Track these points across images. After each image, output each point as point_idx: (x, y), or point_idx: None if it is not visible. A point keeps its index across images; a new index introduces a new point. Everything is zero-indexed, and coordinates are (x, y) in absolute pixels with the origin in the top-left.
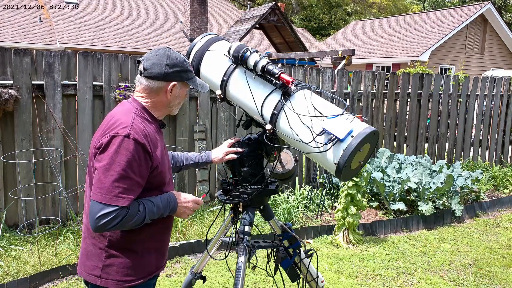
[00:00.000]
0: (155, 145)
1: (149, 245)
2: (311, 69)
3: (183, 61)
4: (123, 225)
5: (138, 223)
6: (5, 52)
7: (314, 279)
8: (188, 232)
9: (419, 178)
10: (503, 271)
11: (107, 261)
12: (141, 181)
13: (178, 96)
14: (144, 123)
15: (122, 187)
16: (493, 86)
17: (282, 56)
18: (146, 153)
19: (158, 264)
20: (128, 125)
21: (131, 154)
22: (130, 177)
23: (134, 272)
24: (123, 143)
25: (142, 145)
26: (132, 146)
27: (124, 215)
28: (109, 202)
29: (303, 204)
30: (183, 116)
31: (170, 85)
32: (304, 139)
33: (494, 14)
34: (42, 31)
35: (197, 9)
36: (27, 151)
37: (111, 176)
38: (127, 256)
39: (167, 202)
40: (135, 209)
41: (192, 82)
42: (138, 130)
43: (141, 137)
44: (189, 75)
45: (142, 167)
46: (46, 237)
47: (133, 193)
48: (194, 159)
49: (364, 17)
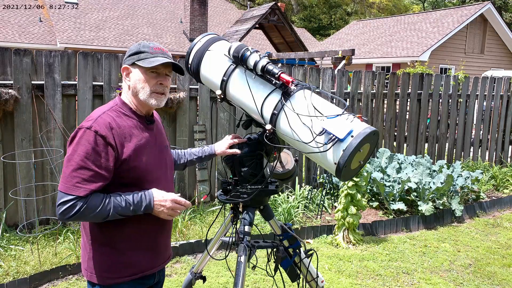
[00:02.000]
0: (124, 139)
1: (136, 243)
2: (311, 69)
3: (138, 45)
4: (84, 216)
5: (103, 215)
6: (5, 52)
7: (314, 279)
8: (188, 232)
9: (419, 178)
10: (503, 271)
11: (91, 255)
12: (103, 173)
13: (138, 80)
14: (118, 117)
15: (80, 177)
16: (493, 86)
17: (282, 56)
18: (107, 145)
19: (147, 266)
20: (93, 119)
21: (90, 145)
22: (89, 168)
23: (116, 269)
24: (84, 135)
25: (103, 137)
26: (92, 137)
27: (82, 205)
28: (67, 191)
29: (303, 204)
30: (183, 116)
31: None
32: (304, 139)
33: (494, 14)
34: (42, 31)
35: (197, 9)
36: (27, 151)
37: (71, 166)
38: (109, 252)
39: (140, 199)
40: (97, 201)
41: (143, 61)
42: (102, 122)
43: (103, 128)
44: (140, 56)
45: (103, 159)
46: (46, 237)
47: (92, 184)
48: (197, 154)
49: (364, 17)
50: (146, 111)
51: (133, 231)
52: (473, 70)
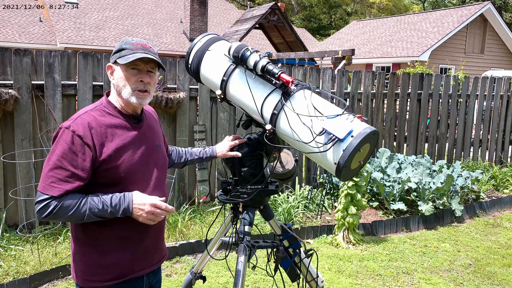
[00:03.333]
0: (107, 138)
1: (118, 246)
2: (311, 69)
3: (120, 42)
4: (59, 216)
5: (79, 216)
6: (5, 52)
7: (314, 279)
8: (188, 232)
9: (419, 178)
10: (503, 271)
11: (75, 256)
12: (79, 173)
13: (120, 78)
14: (102, 116)
15: (55, 177)
16: (493, 86)
17: (282, 56)
18: (85, 145)
19: (129, 269)
20: (73, 118)
21: (67, 145)
22: (64, 168)
23: (97, 272)
24: (63, 134)
25: (80, 136)
26: (70, 137)
27: (56, 205)
28: (43, 190)
29: (303, 204)
30: (183, 116)
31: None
32: (304, 139)
33: (494, 14)
34: (42, 31)
35: (197, 9)
36: (27, 151)
37: (48, 166)
38: (90, 254)
39: (118, 202)
40: (72, 202)
41: (121, 58)
42: (81, 122)
43: (80, 128)
44: (121, 53)
45: (79, 159)
46: (46, 237)
47: (67, 184)
48: (198, 154)
49: (364, 17)
50: (132, 110)
51: (115, 233)
52: (473, 70)
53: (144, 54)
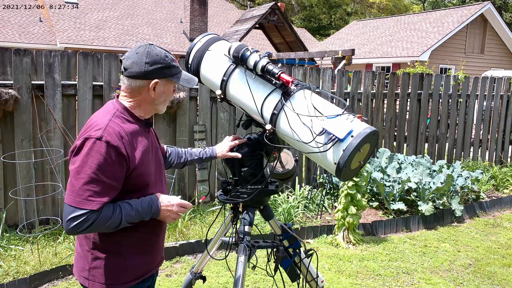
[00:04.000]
0: (133, 147)
1: (137, 248)
2: (311, 69)
3: (165, 57)
4: (96, 228)
5: (114, 226)
6: (5, 52)
7: (314, 279)
8: (188, 232)
9: (419, 178)
10: (503, 271)
11: (93, 263)
12: (115, 184)
13: (163, 93)
14: (123, 123)
15: (92, 190)
16: (493, 86)
17: (282, 56)
18: (120, 156)
19: (148, 268)
20: (102, 127)
21: (103, 157)
22: (101, 180)
23: (120, 276)
24: (94, 146)
25: (114, 148)
26: (104, 148)
27: (95, 219)
28: (78, 205)
29: (303, 204)
30: (183, 116)
31: (152, 83)
32: (304, 139)
33: (494, 14)
34: (42, 31)
35: (197, 9)
36: (27, 151)
37: (82, 179)
38: (113, 259)
39: (148, 206)
40: (108, 212)
41: (177, 78)
42: (112, 132)
43: (114, 139)
44: (172, 71)
45: (115, 170)
46: (46, 237)
47: (105, 196)
48: (198, 155)
49: (364, 17)
50: (149, 115)
51: (134, 236)
52: (473, 70)
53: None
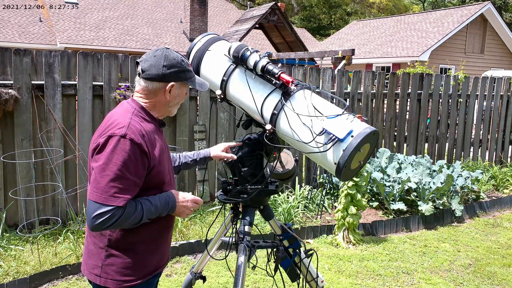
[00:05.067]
0: (153, 145)
1: (150, 244)
2: (311, 69)
3: (181, 61)
4: (120, 225)
5: (135, 222)
6: (5, 52)
7: (314, 279)
8: (188, 232)
9: (419, 178)
10: (503, 271)
11: (107, 260)
12: (138, 181)
13: (177, 96)
14: (142, 122)
15: (118, 187)
16: (493, 86)
17: (282, 56)
18: (142, 153)
19: (159, 263)
20: (125, 125)
21: (127, 154)
22: (126, 177)
23: (133, 272)
24: (119, 144)
25: (138, 145)
26: (128, 146)
27: (120, 215)
28: (104, 202)
29: (303, 204)
30: (183, 116)
31: (168, 85)
32: (304, 139)
33: (494, 14)
34: (42, 31)
35: (197, 9)
36: (27, 151)
37: (107, 176)
38: (127, 256)
39: (165, 202)
40: (132, 209)
41: (191, 82)
42: (135, 130)
43: (137, 137)
44: (187, 75)
45: (139, 167)
46: (46, 237)
47: (129, 193)
48: (192, 157)
49: (364, 17)
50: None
51: (147, 232)
52: (473, 70)
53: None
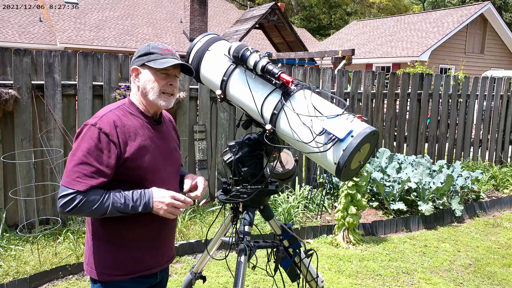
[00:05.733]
0: (130, 137)
1: (136, 242)
2: (311, 69)
3: (149, 47)
4: (82, 210)
5: (101, 211)
6: (5, 52)
7: (314, 279)
8: (188, 232)
9: (419, 178)
10: (503, 271)
11: (92, 250)
12: (104, 170)
13: (148, 81)
14: (125, 116)
15: (81, 172)
16: (493, 86)
17: (282, 56)
18: (110, 142)
19: (149, 265)
20: (99, 116)
21: (94, 141)
22: (90, 164)
23: (113, 267)
24: (88, 131)
25: (106, 134)
26: (96, 134)
27: (81, 200)
28: (67, 185)
29: (303, 204)
30: (183, 116)
31: (133, 72)
32: (304, 139)
33: (494, 14)
34: (42, 31)
35: (197, 9)
36: (27, 151)
37: (73, 161)
38: (108, 249)
39: (139, 196)
40: (96, 196)
41: (153, 62)
42: (107, 120)
43: (107, 126)
44: (150, 57)
45: (105, 156)
46: (46, 237)
47: (93, 180)
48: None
49: (364, 17)
50: (154, 112)
51: (138, 230)
52: (473, 70)
53: (177, 61)
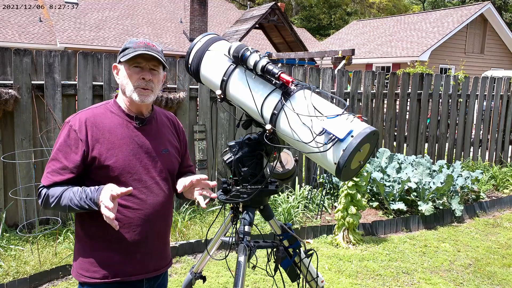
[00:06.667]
0: (103, 135)
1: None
2: (311, 69)
3: (126, 42)
4: (47, 204)
5: (61, 206)
6: (5, 52)
7: (314, 279)
8: (188, 232)
9: (419, 178)
10: (503, 271)
11: (75, 251)
12: (69, 166)
13: (124, 76)
14: (104, 114)
15: (50, 167)
16: (493, 86)
17: (282, 56)
18: (77, 139)
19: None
20: (75, 114)
21: (63, 138)
22: (58, 160)
23: (90, 268)
24: (63, 128)
25: (74, 131)
26: (66, 131)
27: (45, 194)
28: (41, 179)
29: (303, 204)
30: (183, 116)
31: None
32: (304, 139)
33: (494, 14)
34: (42, 31)
35: (197, 9)
36: (27, 151)
37: (50, 157)
38: (84, 250)
39: (91, 192)
40: (56, 192)
41: (124, 56)
42: (80, 117)
43: (77, 123)
44: (124, 52)
45: (72, 152)
46: (46, 237)
47: (57, 176)
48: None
49: (363, 17)
50: (136, 110)
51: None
52: (473, 70)
53: (144, 51)
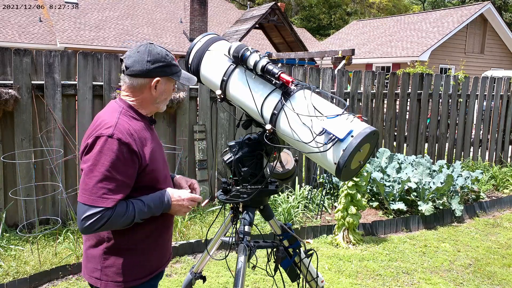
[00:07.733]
0: (143, 144)
1: (148, 244)
2: (311, 69)
3: (165, 55)
4: (111, 226)
5: (127, 223)
6: (5, 52)
7: (314, 279)
8: (188, 232)
9: (419, 178)
10: (503, 271)
11: (105, 262)
12: (127, 181)
13: (164, 91)
14: (130, 121)
15: (106, 187)
16: (493, 86)
17: (282, 56)
18: (131, 153)
19: (159, 263)
20: (112, 125)
21: (115, 154)
22: (114, 178)
23: (133, 272)
24: (106, 144)
25: (126, 145)
26: (116, 146)
27: (110, 216)
28: (93, 203)
29: (303, 204)
30: (183, 116)
31: (154, 81)
32: (304, 139)
33: (494, 14)
34: (42, 31)
35: (197, 9)
36: (27, 151)
37: (95, 177)
38: (126, 257)
39: (159, 201)
40: (122, 210)
41: (177, 76)
42: (123, 129)
43: (125, 136)
44: (172, 69)
45: (128, 167)
46: (46, 237)
47: (118, 193)
48: None
49: (363, 17)
50: (151, 113)
51: (145, 232)
52: (473, 70)
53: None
